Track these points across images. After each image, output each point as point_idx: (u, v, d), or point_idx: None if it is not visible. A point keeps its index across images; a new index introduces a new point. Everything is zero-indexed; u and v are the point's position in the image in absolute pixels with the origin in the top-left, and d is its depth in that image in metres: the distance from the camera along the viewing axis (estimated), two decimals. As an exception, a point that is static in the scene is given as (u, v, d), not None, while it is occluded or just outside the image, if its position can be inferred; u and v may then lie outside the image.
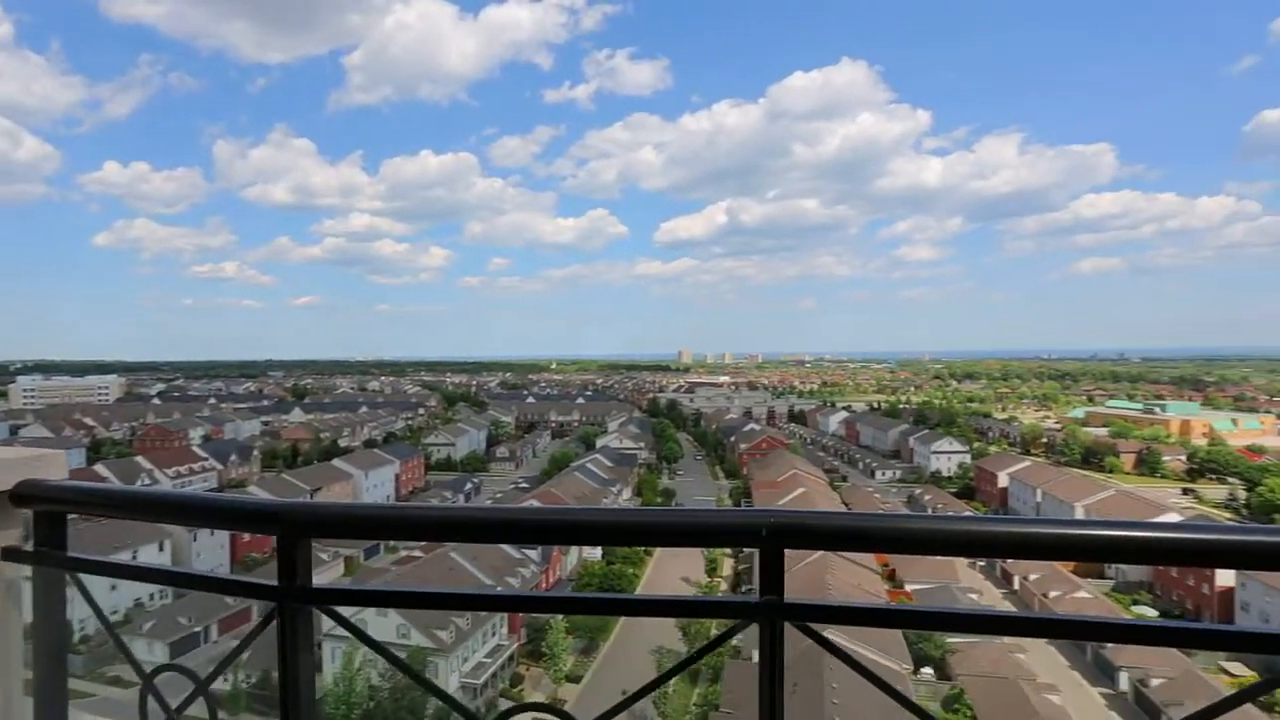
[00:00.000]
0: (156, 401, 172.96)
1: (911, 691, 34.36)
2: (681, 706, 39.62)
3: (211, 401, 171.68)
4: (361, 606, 1.60)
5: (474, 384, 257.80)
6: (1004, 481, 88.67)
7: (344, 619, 1.53)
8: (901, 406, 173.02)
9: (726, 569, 62.59)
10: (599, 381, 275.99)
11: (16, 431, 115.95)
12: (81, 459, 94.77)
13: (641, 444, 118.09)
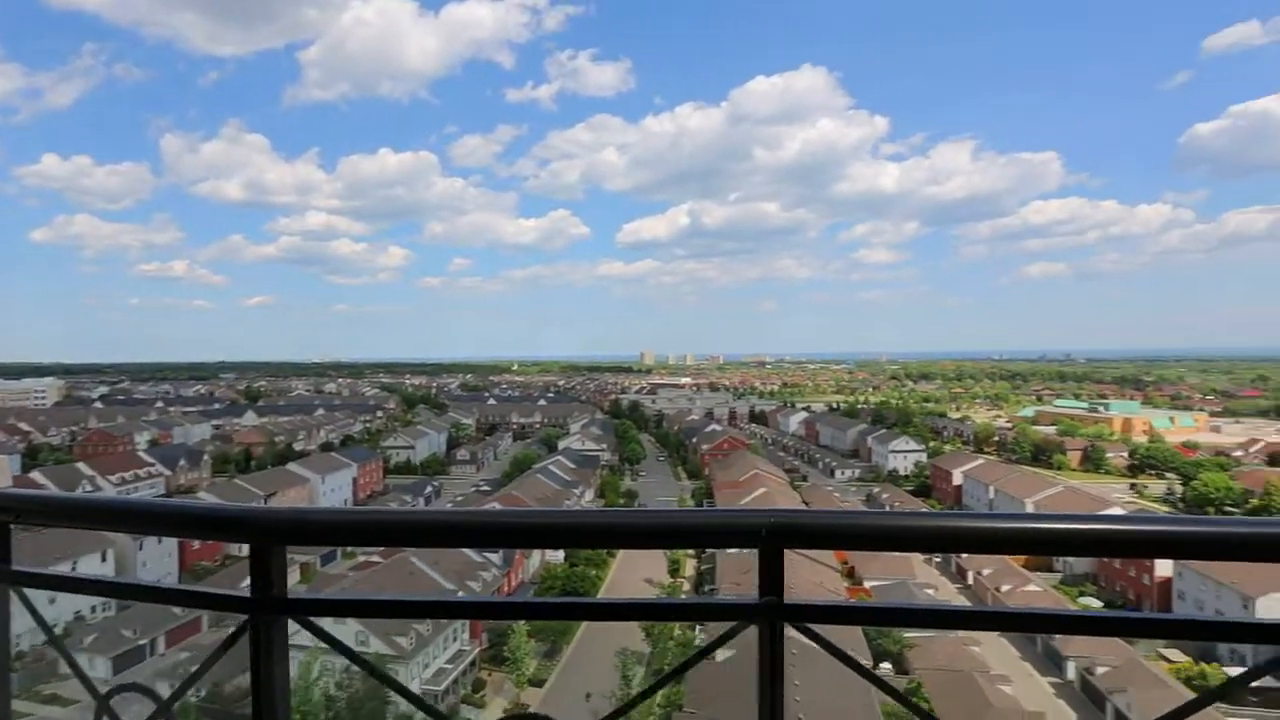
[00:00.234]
0: (99, 405, 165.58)
1: (871, 686, 34.99)
2: (645, 707, 39.59)
3: (159, 405, 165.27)
4: (342, 617, 1.53)
5: (434, 386, 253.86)
6: (958, 479, 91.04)
7: (323, 631, 1.46)
8: (860, 407, 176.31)
9: (689, 569, 62.83)
10: (561, 383, 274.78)
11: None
12: (17, 466, 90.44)
13: (604, 445, 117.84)
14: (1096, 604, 58.44)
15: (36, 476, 76.45)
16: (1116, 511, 61.97)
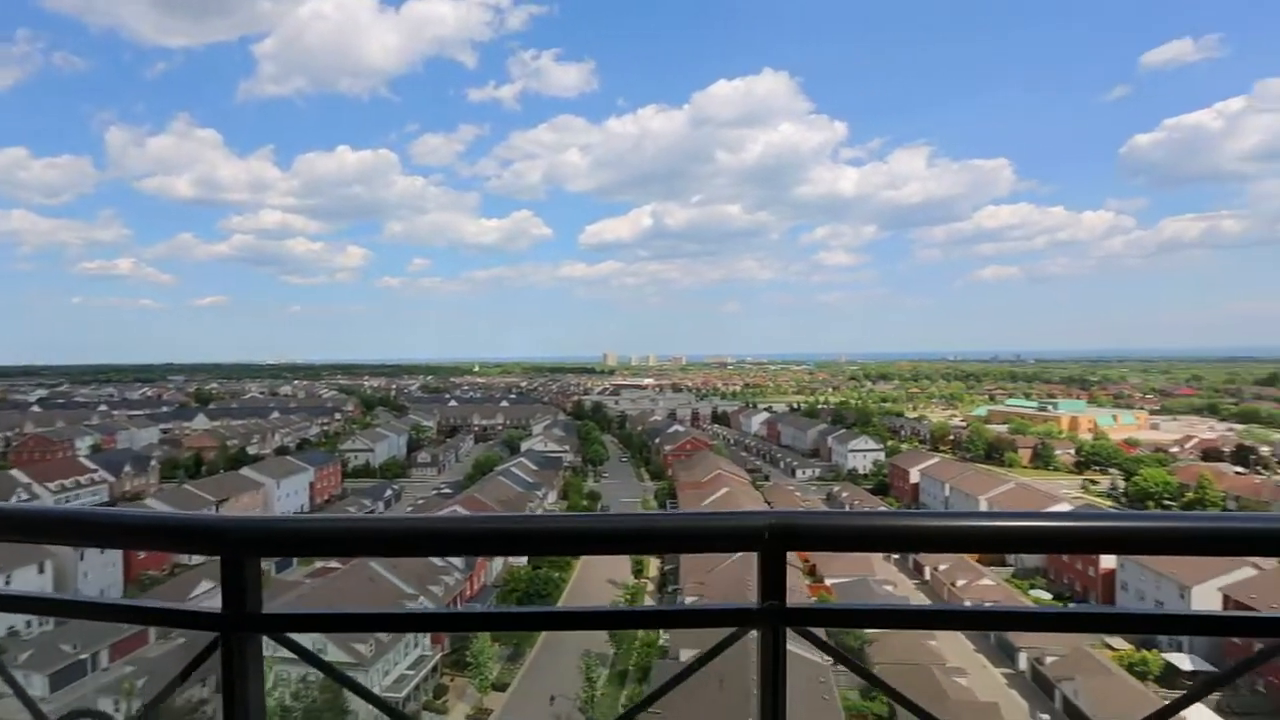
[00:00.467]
0: (36, 409, 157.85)
1: (834, 683, 35.50)
2: (610, 708, 39.47)
3: (102, 408, 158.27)
4: (320, 632, 1.44)
5: (394, 387, 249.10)
6: (915, 477, 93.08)
7: (303, 648, 1.37)
8: (820, 407, 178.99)
9: (653, 570, 62.90)
10: (523, 384, 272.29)
11: None
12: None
13: (566, 447, 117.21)
14: (1047, 596, 60.45)
15: (-33, 484, 72.58)
16: (1064, 507, 64.33)
